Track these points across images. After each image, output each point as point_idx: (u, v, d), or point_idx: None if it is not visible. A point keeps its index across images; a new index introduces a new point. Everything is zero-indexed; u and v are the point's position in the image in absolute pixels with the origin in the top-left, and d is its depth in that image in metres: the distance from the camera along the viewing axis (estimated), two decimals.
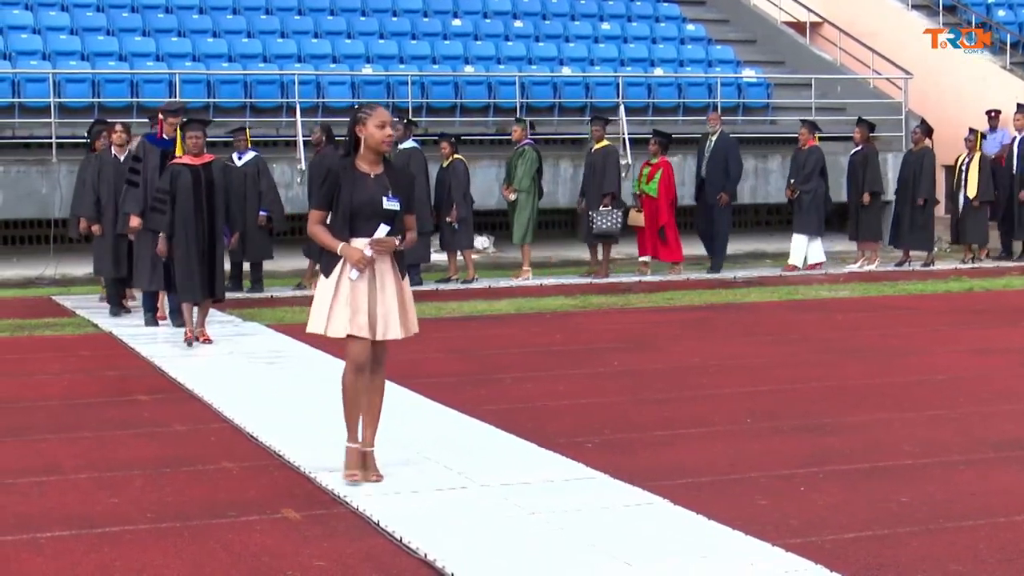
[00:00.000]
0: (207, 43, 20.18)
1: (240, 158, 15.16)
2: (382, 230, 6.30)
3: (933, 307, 13.93)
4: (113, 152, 13.48)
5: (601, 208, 16.49)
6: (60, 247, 17.53)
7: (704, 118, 20.12)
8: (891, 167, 20.71)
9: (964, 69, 23.36)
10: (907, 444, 7.36)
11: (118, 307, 13.34)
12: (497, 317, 13.15)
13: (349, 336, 6.33)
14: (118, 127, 13.68)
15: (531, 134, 16.94)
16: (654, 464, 6.94)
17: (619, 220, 16.56)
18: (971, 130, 18.56)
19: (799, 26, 24.79)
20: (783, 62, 23.56)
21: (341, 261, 6.31)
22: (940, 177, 21.33)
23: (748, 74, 22.00)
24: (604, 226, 16.44)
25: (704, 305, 14.12)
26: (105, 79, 18.54)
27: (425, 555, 5.35)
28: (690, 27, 23.61)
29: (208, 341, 11.23)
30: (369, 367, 6.41)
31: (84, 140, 14.95)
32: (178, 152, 11.51)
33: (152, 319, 12.51)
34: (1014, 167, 18.60)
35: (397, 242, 6.36)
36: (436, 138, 16.98)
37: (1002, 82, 22.83)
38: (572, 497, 6.18)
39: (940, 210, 19.54)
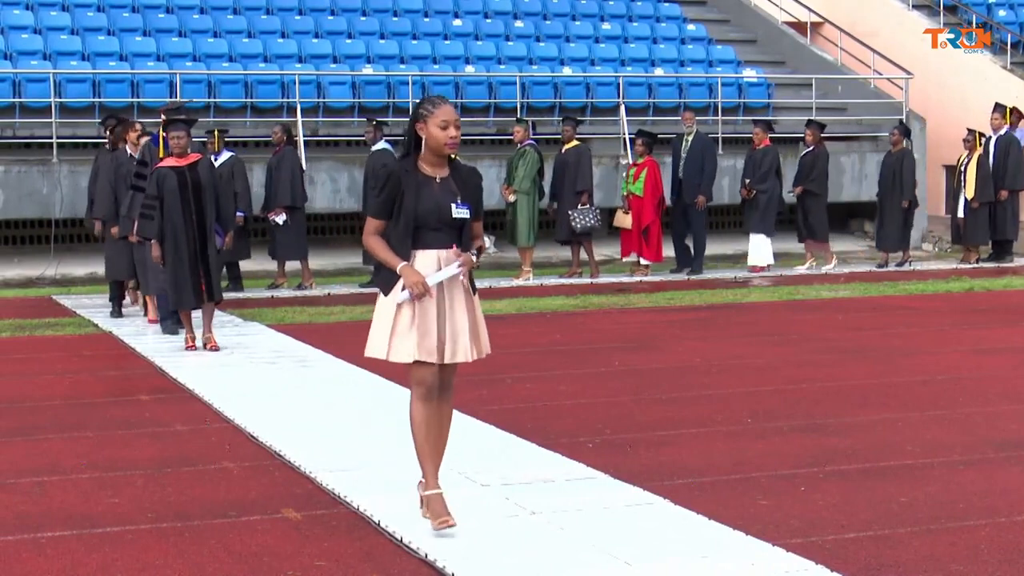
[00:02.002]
0: (208, 43, 20.18)
1: (216, 159, 15.06)
2: (450, 269, 5.62)
3: (934, 307, 13.93)
4: (129, 151, 13.22)
5: (579, 206, 16.50)
6: (61, 247, 17.54)
7: (705, 118, 20.14)
8: None
9: (965, 69, 23.37)
10: (908, 444, 7.36)
11: (119, 310, 13.21)
12: (498, 317, 13.14)
13: (415, 361, 5.65)
14: (137, 126, 13.40)
15: (533, 134, 16.94)
16: (655, 464, 6.94)
17: (597, 217, 16.56)
18: (970, 131, 18.52)
19: (800, 26, 24.80)
20: (784, 62, 23.56)
21: (402, 279, 5.63)
22: (940, 177, 21.37)
23: (749, 74, 21.99)
24: (583, 224, 16.44)
25: (705, 305, 14.12)
26: (106, 79, 18.54)
27: (425, 555, 5.35)
28: (691, 27, 23.61)
29: (215, 348, 10.88)
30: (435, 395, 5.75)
31: (95, 140, 14.62)
32: (161, 154, 11.22)
33: (171, 326, 11.85)
34: (991, 167, 18.48)
35: (475, 260, 5.71)
36: None
37: (1002, 82, 22.84)
38: (573, 497, 6.18)
39: (940, 210, 19.51)
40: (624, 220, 16.93)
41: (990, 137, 18.64)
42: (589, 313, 13.55)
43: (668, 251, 17.44)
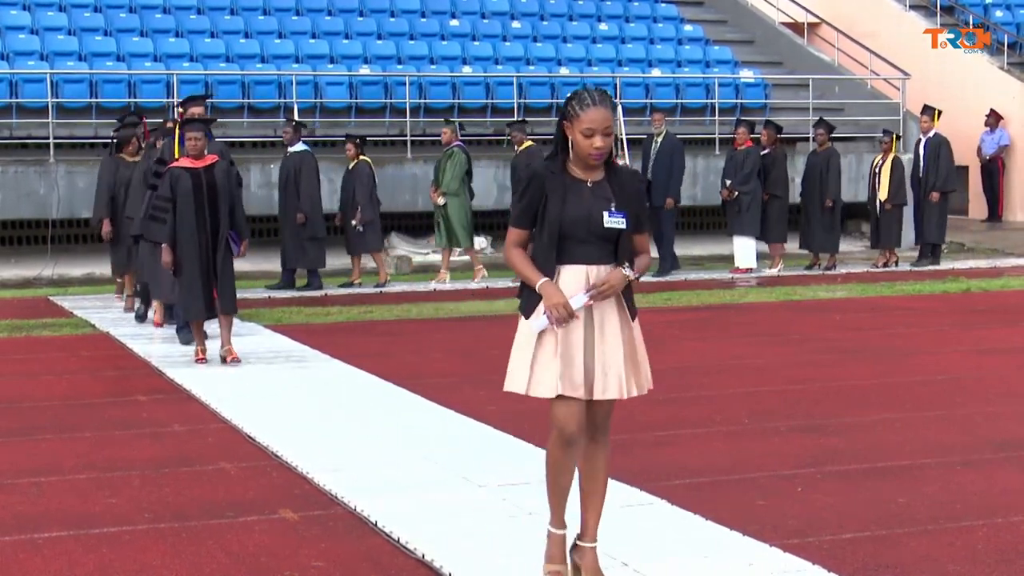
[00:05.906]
0: (205, 43, 20.18)
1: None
2: (579, 298, 4.83)
3: (931, 307, 13.92)
4: (126, 158, 13.12)
5: None
6: (58, 247, 17.53)
7: (703, 119, 20.15)
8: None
9: (962, 70, 23.39)
10: (908, 444, 7.36)
11: (144, 316, 12.72)
12: (497, 317, 13.12)
13: (558, 396, 4.84)
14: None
15: (462, 135, 16.57)
16: (654, 464, 6.93)
17: None
18: (885, 131, 18.28)
19: (797, 27, 24.82)
20: (781, 63, 23.57)
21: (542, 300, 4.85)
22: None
23: (746, 75, 22.00)
24: None
25: (703, 305, 14.11)
26: (103, 79, 18.54)
27: (423, 555, 5.34)
28: (688, 28, 23.62)
29: (236, 360, 10.18)
30: (585, 434, 4.95)
31: (92, 140, 14.50)
32: (176, 154, 10.63)
33: (187, 335, 11.04)
34: (921, 169, 17.96)
35: (631, 275, 4.96)
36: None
37: (999, 82, 22.86)
38: (571, 497, 6.15)
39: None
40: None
41: (919, 139, 18.20)
42: None
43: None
